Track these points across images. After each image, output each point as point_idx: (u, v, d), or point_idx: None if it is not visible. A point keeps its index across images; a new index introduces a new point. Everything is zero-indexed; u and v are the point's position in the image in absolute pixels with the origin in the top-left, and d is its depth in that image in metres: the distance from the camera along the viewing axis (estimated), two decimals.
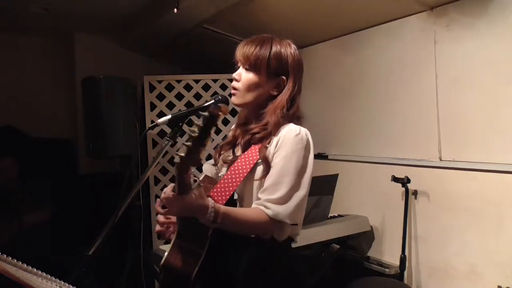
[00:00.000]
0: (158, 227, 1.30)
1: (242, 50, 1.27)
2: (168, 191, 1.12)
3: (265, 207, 1.15)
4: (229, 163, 1.30)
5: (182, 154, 0.97)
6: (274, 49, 1.26)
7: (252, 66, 1.25)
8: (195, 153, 0.98)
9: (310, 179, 1.22)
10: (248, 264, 1.19)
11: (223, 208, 1.11)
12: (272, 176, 1.18)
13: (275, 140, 1.22)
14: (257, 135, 1.26)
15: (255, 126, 1.27)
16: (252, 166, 1.22)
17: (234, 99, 1.29)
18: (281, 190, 1.16)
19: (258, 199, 1.19)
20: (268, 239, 1.21)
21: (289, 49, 1.29)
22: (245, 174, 1.22)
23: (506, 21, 2.00)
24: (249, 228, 1.18)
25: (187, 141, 0.97)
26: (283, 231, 1.22)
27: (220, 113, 1.00)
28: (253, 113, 1.31)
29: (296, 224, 1.23)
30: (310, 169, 1.22)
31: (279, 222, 1.16)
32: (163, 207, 1.18)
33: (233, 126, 1.44)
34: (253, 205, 1.20)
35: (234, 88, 1.29)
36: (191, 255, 1.13)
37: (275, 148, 1.21)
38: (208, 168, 1.44)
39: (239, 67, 1.30)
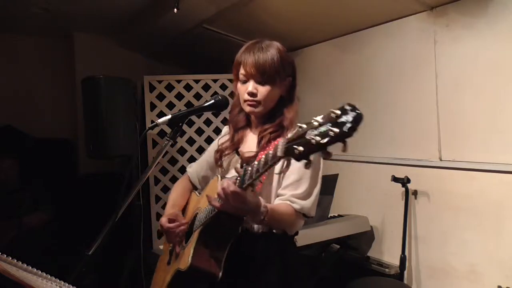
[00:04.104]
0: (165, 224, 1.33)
1: (255, 62, 1.25)
2: (232, 185, 1.05)
3: (291, 201, 1.22)
4: (246, 161, 1.29)
5: (301, 149, 0.84)
6: (278, 54, 1.27)
7: (268, 77, 1.26)
8: (322, 148, 0.81)
9: (321, 176, 1.30)
10: (266, 258, 1.24)
11: (269, 205, 1.16)
12: (293, 173, 1.24)
13: None
14: (274, 133, 1.29)
15: (271, 126, 1.30)
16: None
17: (256, 110, 1.29)
18: (303, 185, 1.24)
19: (278, 195, 1.24)
20: (281, 233, 1.27)
21: (284, 49, 1.32)
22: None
23: (506, 21, 2.00)
24: (284, 223, 1.24)
25: (323, 134, 0.80)
26: (297, 225, 1.29)
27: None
28: (265, 114, 1.33)
29: (312, 217, 1.30)
30: (321, 167, 1.30)
31: (303, 216, 1.24)
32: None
33: (225, 130, 1.47)
34: (277, 201, 1.24)
35: (253, 101, 1.28)
36: (216, 253, 1.15)
37: None
38: (198, 169, 1.49)
39: (245, 80, 1.29)
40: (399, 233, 2.44)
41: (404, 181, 2.41)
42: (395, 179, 2.44)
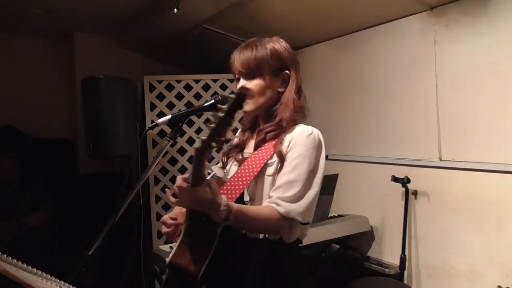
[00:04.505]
0: (165, 229, 1.28)
1: (240, 59, 1.26)
2: (180, 180, 1.07)
3: (277, 204, 1.15)
4: (240, 162, 1.30)
5: (204, 138, 0.94)
6: (269, 47, 1.26)
7: (254, 71, 1.25)
8: (218, 134, 0.94)
9: (321, 178, 1.23)
10: (256, 266, 1.19)
11: (236, 206, 1.10)
12: (285, 175, 1.18)
13: (287, 138, 1.23)
14: (271, 133, 1.26)
15: (268, 125, 1.28)
16: (263, 164, 1.22)
17: (247, 107, 1.27)
18: (294, 188, 1.16)
19: (270, 197, 1.19)
20: (277, 240, 1.21)
21: (282, 43, 1.31)
22: (256, 173, 1.21)
23: (506, 21, 2.00)
24: (261, 227, 1.18)
25: (210, 123, 0.93)
26: (292, 232, 1.22)
27: (247, 95, 0.98)
28: (263, 114, 1.31)
29: (308, 223, 1.23)
30: (322, 168, 1.23)
31: (290, 221, 1.17)
32: (174, 195, 1.13)
33: (238, 132, 1.45)
34: (265, 203, 1.19)
35: None
36: (199, 254, 1.11)
37: (288, 147, 1.21)
38: (217, 171, 1.44)
39: (238, 78, 1.30)
40: (399, 233, 2.45)
41: (404, 181, 2.41)
42: (395, 179, 2.44)
